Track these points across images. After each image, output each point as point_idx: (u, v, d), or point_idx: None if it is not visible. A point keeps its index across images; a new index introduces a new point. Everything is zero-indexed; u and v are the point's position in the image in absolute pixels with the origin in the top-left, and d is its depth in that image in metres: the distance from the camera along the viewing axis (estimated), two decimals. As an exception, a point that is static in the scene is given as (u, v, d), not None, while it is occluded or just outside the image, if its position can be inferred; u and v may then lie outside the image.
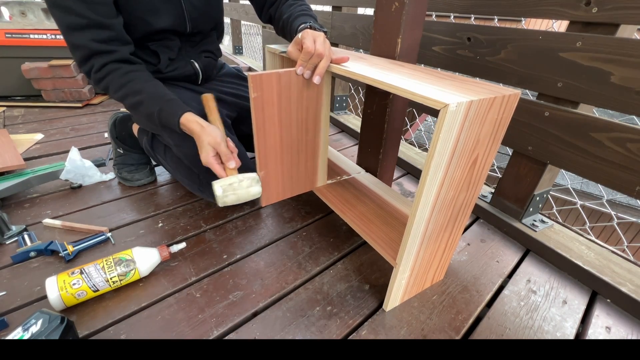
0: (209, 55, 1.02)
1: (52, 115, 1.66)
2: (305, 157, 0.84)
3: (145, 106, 0.76)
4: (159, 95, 0.77)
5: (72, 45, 0.75)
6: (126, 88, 0.76)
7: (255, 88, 0.66)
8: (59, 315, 0.53)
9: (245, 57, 3.22)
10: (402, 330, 0.65)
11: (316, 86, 0.75)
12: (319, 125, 0.82)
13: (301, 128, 0.78)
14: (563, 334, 0.65)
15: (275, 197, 0.85)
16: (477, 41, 0.88)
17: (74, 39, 0.73)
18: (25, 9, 1.72)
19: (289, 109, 0.73)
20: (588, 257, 0.79)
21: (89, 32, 0.73)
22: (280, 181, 0.83)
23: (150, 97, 0.76)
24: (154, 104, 0.76)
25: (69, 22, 0.71)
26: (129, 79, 0.76)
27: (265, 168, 0.78)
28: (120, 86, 0.76)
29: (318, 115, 0.80)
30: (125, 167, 1.07)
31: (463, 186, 0.58)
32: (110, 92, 0.78)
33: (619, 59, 0.64)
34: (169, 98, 0.77)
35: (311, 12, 0.86)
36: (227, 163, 0.73)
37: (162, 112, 0.75)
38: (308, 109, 0.77)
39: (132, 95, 0.76)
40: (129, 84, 0.76)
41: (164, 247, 0.75)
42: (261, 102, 0.68)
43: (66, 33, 0.73)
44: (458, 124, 0.47)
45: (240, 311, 0.67)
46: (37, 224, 0.88)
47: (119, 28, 0.77)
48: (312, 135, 0.82)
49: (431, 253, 0.66)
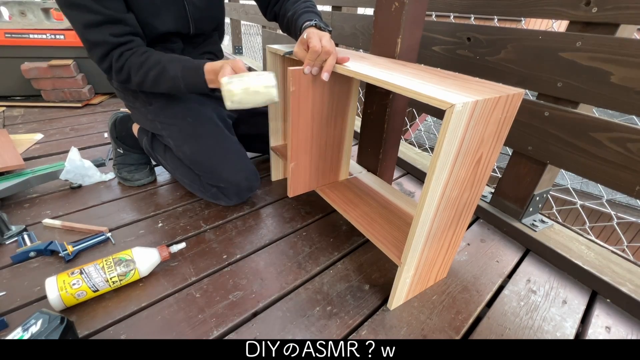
0: (211, 57, 1.02)
1: (51, 115, 1.66)
2: (332, 151, 0.87)
3: (168, 71, 0.78)
4: (177, 58, 0.80)
5: (90, 43, 0.76)
6: (146, 64, 0.78)
7: (294, 82, 0.69)
8: (59, 316, 0.53)
9: (245, 57, 3.22)
10: (402, 330, 0.65)
11: (347, 83, 0.79)
12: (347, 121, 0.85)
13: (330, 123, 0.82)
14: (563, 334, 0.65)
15: (302, 188, 0.88)
16: (477, 41, 0.88)
17: (92, 36, 0.74)
18: (25, 9, 1.72)
19: (322, 103, 0.77)
20: (588, 257, 0.79)
21: (106, 28, 0.74)
22: (308, 173, 0.86)
23: (170, 62, 0.79)
24: (175, 67, 0.78)
25: (85, 20, 0.72)
26: (147, 55, 0.79)
27: (296, 160, 0.81)
28: (140, 65, 0.78)
29: (346, 111, 0.83)
30: (125, 167, 1.07)
31: (467, 185, 0.58)
32: (132, 75, 0.80)
33: (619, 59, 0.64)
34: (185, 58, 0.80)
35: (315, 9, 0.86)
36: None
37: (184, 72, 0.78)
38: (338, 104, 0.80)
39: (153, 67, 0.78)
40: (147, 60, 0.79)
41: (163, 247, 0.75)
42: (297, 96, 0.71)
43: (83, 31, 0.74)
44: (463, 124, 0.47)
45: (240, 311, 0.67)
46: (36, 224, 0.88)
47: (133, 22, 0.78)
48: (340, 130, 0.85)
49: (435, 251, 0.66)
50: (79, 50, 1.76)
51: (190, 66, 0.78)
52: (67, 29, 1.75)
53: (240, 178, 0.91)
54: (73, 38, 1.74)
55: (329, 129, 0.83)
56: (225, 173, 0.90)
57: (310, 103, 0.75)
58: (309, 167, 0.85)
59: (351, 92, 0.81)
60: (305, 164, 0.84)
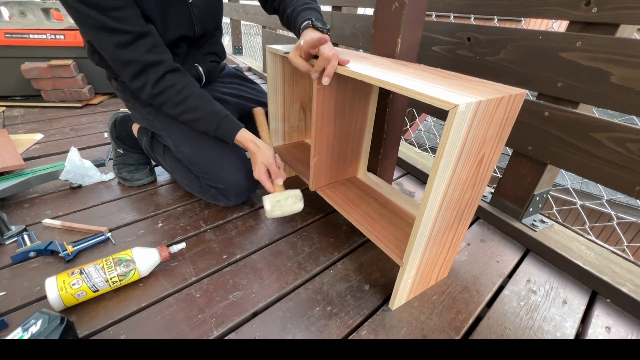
0: (214, 59, 1.02)
1: (51, 115, 1.66)
2: (352, 147, 0.89)
3: (202, 122, 0.84)
4: (214, 112, 0.84)
5: (122, 62, 0.76)
6: (182, 106, 0.82)
7: (319, 81, 0.69)
8: (59, 316, 0.53)
9: (245, 57, 3.22)
10: (402, 330, 0.65)
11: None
12: (367, 119, 0.86)
13: (352, 119, 0.83)
14: (563, 334, 0.65)
15: (323, 182, 0.89)
16: (477, 41, 0.88)
17: (125, 55, 0.74)
18: (25, 9, 1.72)
19: (345, 100, 0.78)
20: (588, 257, 0.79)
21: (137, 46, 0.74)
22: (329, 167, 0.87)
23: (207, 115, 0.83)
24: (210, 122, 0.83)
25: (116, 41, 0.72)
26: (185, 95, 0.81)
27: (319, 155, 0.82)
28: (177, 104, 0.81)
29: (367, 109, 0.84)
30: (125, 167, 1.07)
31: (469, 185, 0.58)
32: (167, 108, 0.83)
33: (619, 59, 0.64)
34: (223, 115, 0.84)
35: (314, 5, 0.86)
36: (276, 180, 0.82)
37: (218, 129, 0.84)
38: (359, 102, 0.81)
39: (190, 112, 0.83)
40: (185, 101, 0.81)
41: (163, 247, 0.75)
42: (322, 94, 0.72)
43: (115, 52, 0.74)
44: (466, 125, 0.47)
45: (240, 311, 0.67)
46: (36, 224, 0.88)
47: (156, 33, 0.78)
48: (360, 126, 0.86)
49: (436, 251, 0.66)
50: (79, 51, 1.76)
51: (225, 128, 0.84)
52: (67, 29, 1.75)
53: (239, 179, 0.91)
54: (73, 38, 1.74)
55: (351, 126, 0.84)
56: (223, 174, 0.90)
57: (334, 99, 0.76)
58: (330, 161, 0.86)
59: (372, 90, 0.82)
60: (327, 159, 0.85)
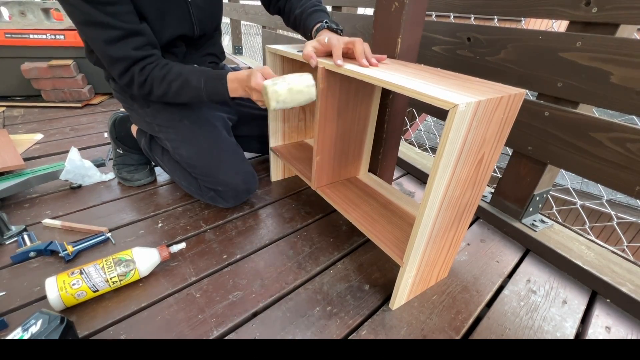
0: (213, 60, 1.02)
1: (51, 116, 1.66)
2: (354, 146, 0.89)
3: (190, 82, 0.79)
4: (199, 70, 0.81)
5: (111, 58, 0.75)
6: (168, 76, 0.79)
7: (323, 80, 0.70)
8: (59, 316, 0.53)
9: (245, 57, 3.22)
10: (402, 330, 0.65)
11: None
12: (369, 118, 0.86)
13: (354, 119, 0.83)
14: (563, 334, 0.65)
15: (325, 181, 0.89)
16: (477, 41, 0.88)
17: (114, 51, 0.74)
18: (25, 9, 1.72)
19: (347, 100, 0.78)
20: (588, 257, 0.79)
21: (127, 42, 0.74)
22: (331, 166, 0.87)
23: (192, 73, 0.80)
24: (198, 79, 0.79)
25: (106, 36, 0.72)
26: (168, 68, 0.79)
27: (322, 154, 0.82)
28: (162, 77, 0.79)
29: (369, 108, 0.84)
30: (125, 168, 1.07)
31: (469, 185, 0.58)
32: (155, 88, 0.80)
33: (619, 59, 0.64)
34: (206, 69, 0.82)
35: (322, 6, 0.87)
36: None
37: (207, 84, 0.79)
38: (362, 101, 0.81)
39: (175, 78, 0.79)
40: (169, 72, 0.79)
41: (163, 247, 0.75)
42: (326, 93, 0.73)
43: (105, 48, 0.73)
44: (466, 124, 0.47)
45: (240, 311, 0.67)
46: (36, 224, 0.88)
47: (149, 31, 0.78)
48: (362, 126, 0.87)
49: (437, 251, 0.66)
50: (79, 51, 1.76)
51: (213, 76, 0.79)
52: (67, 29, 1.75)
53: (238, 181, 0.91)
54: (73, 38, 1.74)
55: (353, 125, 0.84)
56: (222, 176, 0.89)
57: (337, 99, 0.76)
58: (332, 160, 0.86)
59: (374, 89, 0.82)
60: (329, 158, 0.85)
